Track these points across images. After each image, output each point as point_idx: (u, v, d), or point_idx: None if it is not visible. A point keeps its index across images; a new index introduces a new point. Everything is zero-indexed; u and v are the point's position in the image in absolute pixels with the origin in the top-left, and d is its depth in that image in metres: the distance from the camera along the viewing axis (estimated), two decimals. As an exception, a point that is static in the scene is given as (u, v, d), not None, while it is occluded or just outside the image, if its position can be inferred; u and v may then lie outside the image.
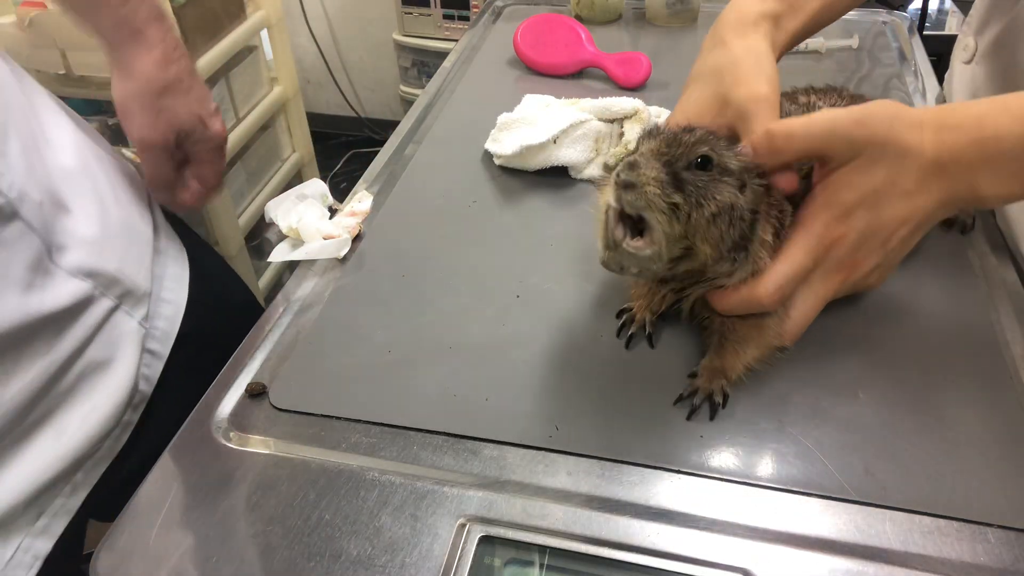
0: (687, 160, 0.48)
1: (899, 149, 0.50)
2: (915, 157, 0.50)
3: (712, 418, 0.53)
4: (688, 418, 0.53)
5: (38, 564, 0.59)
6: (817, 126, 0.51)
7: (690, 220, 0.48)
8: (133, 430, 0.68)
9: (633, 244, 0.49)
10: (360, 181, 0.81)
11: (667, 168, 0.48)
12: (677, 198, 0.47)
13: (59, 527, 0.61)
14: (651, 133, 0.52)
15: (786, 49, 0.64)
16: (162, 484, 0.51)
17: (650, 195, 0.47)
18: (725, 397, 0.54)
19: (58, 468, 0.60)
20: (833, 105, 0.64)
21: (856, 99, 0.66)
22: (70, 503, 0.62)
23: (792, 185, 0.52)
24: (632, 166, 0.48)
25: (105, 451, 0.66)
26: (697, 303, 0.56)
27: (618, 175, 0.48)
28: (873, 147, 0.50)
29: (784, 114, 0.62)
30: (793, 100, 0.66)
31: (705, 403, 0.53)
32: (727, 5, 0.64)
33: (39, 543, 0.59)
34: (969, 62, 0.78)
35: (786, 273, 0.51)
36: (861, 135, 0.50)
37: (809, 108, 0.64)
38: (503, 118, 0.81)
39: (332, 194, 0.77)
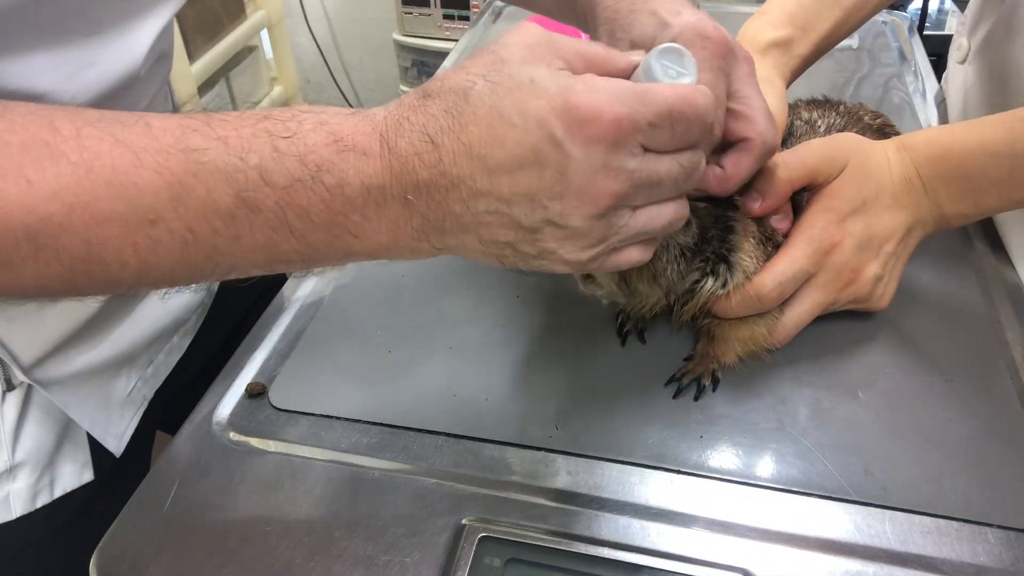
0: None
1: (876, 163, 0.55)
2: (887, 174, 0.54)
3: (696, 399, 0.54)
4: (674, 397, 0.54)
5: (144, 406, 0.69)
6: (800, 156, 0.54)
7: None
8: (193, 339, 0.77)
9: (586, 288, 0.52)
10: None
11: None
12: None
13: (159, 379, 0.72)
14: None
15: (798, 73, 0.65)
16: (162, 484, 0.51)
17: None
18: (715, 381, 0.55)
19: (164, 324, 0.70)
20: (831, 123, 0.65)
21: (852, 112, 0.66)
22: (169, 359, 0.73)
23: (788, 227, 0.54)
24: None
25: (191, 324, 0.75)
26: (695, 314, 0.56)
27: None
28: (854, 155, 0.54)
29: (792, 127, 0.62)
30: (797, 115, 0.66)
31: (693, 384, 0.55)
32: (741, 29, 0.64)
33: (146, 387, 0.70)
34: (963, 62, 0.79)
35: (784, 271, 0.52)
36: (836, 145, 0.55)
37: (811, 124, 0.64)
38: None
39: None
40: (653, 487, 0.49)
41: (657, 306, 0.55)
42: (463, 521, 0.47)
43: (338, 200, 0.36)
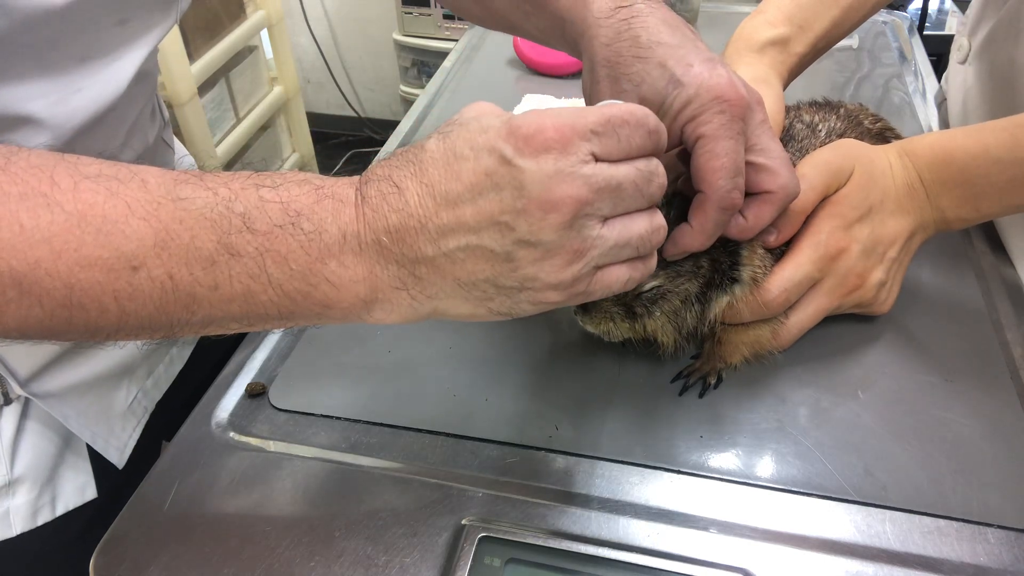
0: (638, 291, 0.49)
1: (880, 169, 0.55)
2: (890, 180, 0.55)
3: (701, 396, 0.55)
4: (680, 394, 0.55)
5: (145, 417, 0.70)
6: (809, 181, 0.53)
7: (646, 329, 0.51)
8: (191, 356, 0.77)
9: (611, 340, 0.53)
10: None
11: (618, 303, 0.50)
12: (626, 324, 0.51)
13: (159, 392, 0.73)
14: None
15: (795, 72, 0.65)
16: (162, 484, 0.51)
17: (605, 329, 0.51)
18: (719, 380, 0.55)
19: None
20: (831, 127, 0.64)
21: (852, 115, 0.66)
22: (170, 370, 0.74)
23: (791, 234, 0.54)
24: (586, 310, 0.51)
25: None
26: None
27: (574, 311, 0.52)
28: (860, 162, 0.54)
29: (793, 131, 0.62)
30: (799, 118, 0.66)
31: (698, 382, 0.55)
32: (738, 27, 0.64)
33: (147, 399, 0.71)
34: (963, 62, 0.79)
35: (791, 277, 0.52)
36: (842, 155, 0.54)
37: (812, 127, 0.64)
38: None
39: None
40: (653, 487, 0.49)
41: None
42: (463, 521, 0.47)
43: (316, 246, 0.38)
